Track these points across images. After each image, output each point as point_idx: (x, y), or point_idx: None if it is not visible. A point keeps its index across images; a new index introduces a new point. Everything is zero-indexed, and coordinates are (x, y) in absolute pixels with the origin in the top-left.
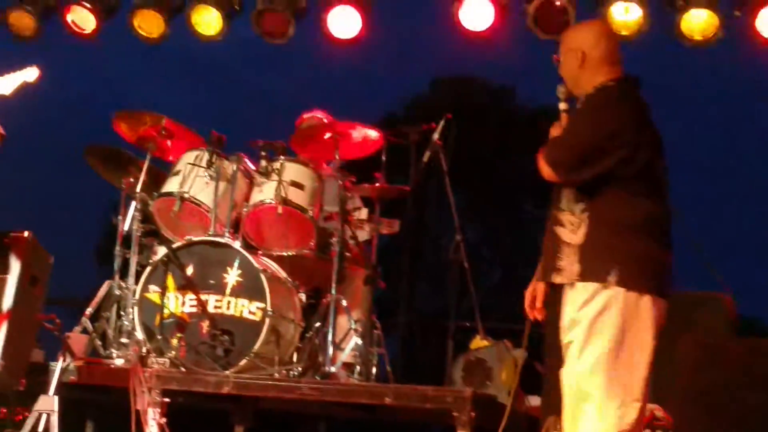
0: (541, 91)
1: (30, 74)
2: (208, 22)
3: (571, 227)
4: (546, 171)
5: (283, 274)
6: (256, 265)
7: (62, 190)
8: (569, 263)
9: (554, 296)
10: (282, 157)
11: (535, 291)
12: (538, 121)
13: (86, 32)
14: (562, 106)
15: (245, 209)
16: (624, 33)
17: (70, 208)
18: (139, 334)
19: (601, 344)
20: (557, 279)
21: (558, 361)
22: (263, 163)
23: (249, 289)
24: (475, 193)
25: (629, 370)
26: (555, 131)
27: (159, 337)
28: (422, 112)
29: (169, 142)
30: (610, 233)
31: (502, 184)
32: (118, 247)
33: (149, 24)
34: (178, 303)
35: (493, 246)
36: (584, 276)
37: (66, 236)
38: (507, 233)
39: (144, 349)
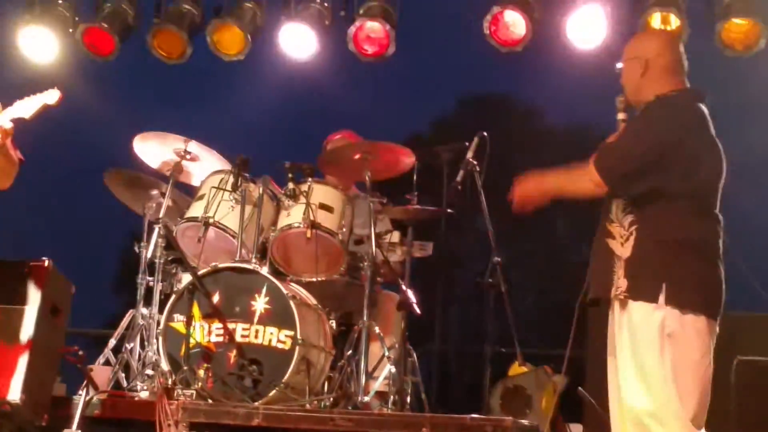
0: (575, 108)
1: (51, 97)
2: (230, 40)
3: (621, 239)
4: (595, 177)
5: (312, 300)
6: (284, 291)
7: (78, 217)
8: (617, 277)
9: (600, 312)
10: (310, 179)
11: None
12: (571, 140)
13: (104, 54)
14: (620, 116)
15: (272, 234)
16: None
17: (87, 235)
18: (164, 365)
19: (655, 369)
20: (605, 294)
21: (604, 383)
22: (290, 185)
23: (278, 316)
24: (504, 214)
25: (685, 394)
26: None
27: (185, 367)
28: (449, 132)
29: (192, 165)
30: (659, 250)
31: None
32: (141, 275)
33: (169, 44)
34: (204, 332)
35: (524, 269)
36: (633, 294)
37: (82, 264)
38: (540, 256)
39: (169, 381)
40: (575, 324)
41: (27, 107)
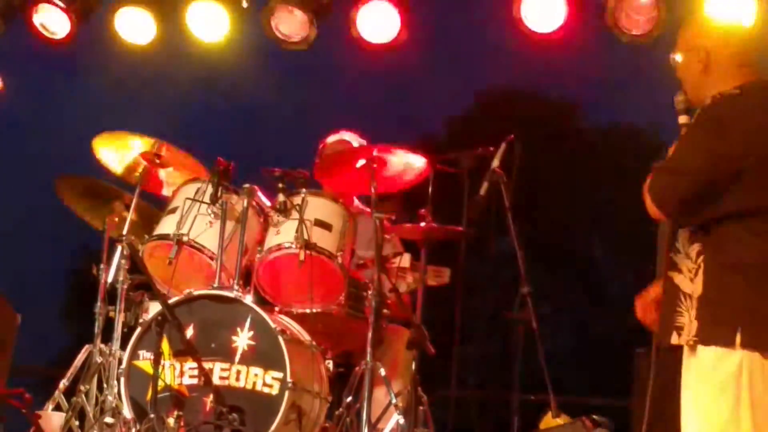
0: (616, 106)
1: None
2: (210, 23)
3: (689, 274)
4: (652, 210)
5: (305, 336)
6: (272, 325)
7: (23, 233)
8: (688, 319)
9: (669, 358)
10: (304, 191)
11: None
12: (610, 144)
13: (58, 37)
14: (682, 119)
15: (259, 255)
16: None
17: (34, 255)
18: (127, 412)
19: (730, 422)
20: (676, 340)
21: None
22: (281, 197)
23: (264, 355)
24: (532, 235)
25: None
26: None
27: (152, 415)
28: (468, 134)
29: (163, 173)
30: (731, 282)
31: (566, 223)
32: (99, 304)
33: (136, 26)
34: (175, 373)
35: (557, 302)
36: (705, 338)
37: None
38: (575, 286)
39: (133, 431)
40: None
41: None
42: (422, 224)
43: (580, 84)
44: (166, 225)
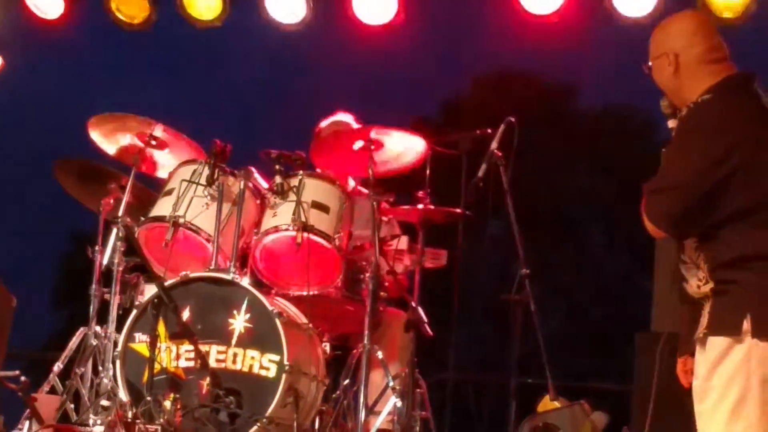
0: (616, 89)
1: None
2: (204, 3)
3: (699, 282)
4: (650, 228)
5: (302, 318)
6: (269, 307)
7: (18, 215)
8: (703, 316)
9: (648, 343)
10: (301, 172)
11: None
12: (606, 127)
13: (51, 17)
14: (671, 123)
15: (255, 237)
16: (727, 15)
17: (29, 237)
18: (123, 395)
19: (737, 410)
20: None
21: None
22: (278, 179)
23: (260, 337)
24: (527, 218)
25: None
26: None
27: (148, 398)
28: (463, 117)
29: (159, 154)
30: (738, 275)
31: (561, 207)
32: (94, 286)
33: (131, 7)
34: (171, 355)
35: (551, 284)
36: (714, 328)
37: (21, 272)
38: (569, 268)
39: (129, 414)
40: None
41: None
42: (420, 206)
43: (577, 66)
44: (162, 207)
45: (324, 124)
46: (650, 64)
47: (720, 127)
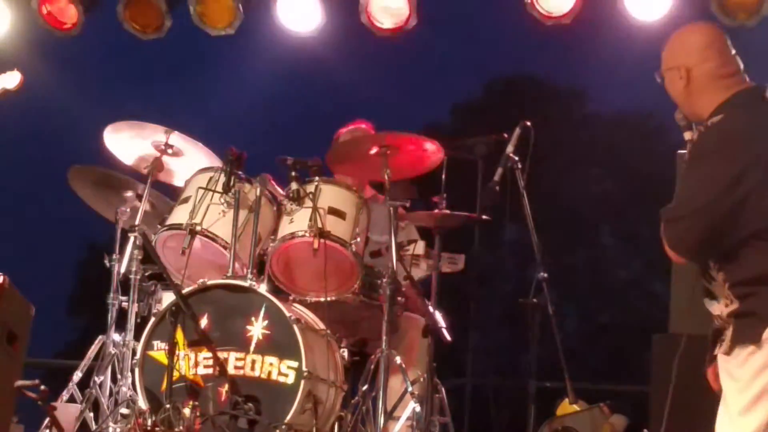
0: (629, 92)
1: (11, 80)
2: (218, 11)
3: (725, 300)
4: (671, 254)
5: (320, 324)
6: (287, 313)
7: (34, 224)
8: (729, 332)
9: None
10: (317, 179)
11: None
12: (619, 131)
13: (66, 26)
14: (687, 136)
15: (272, 244)
16: (741, 17)
17: (46, 246)
18: (142, 403)
19: (754, 411)
20: (717, 350)
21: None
22: (294, 186)
23: (279, 344)
24: (541, 221)
25: None
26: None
27: (167, 405)
28: (474, 121)
29: (175, 162)
30: (761, 290)
31: (572, 210)
32: (112, 294)
33: (144, 15)
34: (189, 363)
35: (564, 287)
36: (736, 340)
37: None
38: (584, 271)
39: (149, 422)
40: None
41: None
42: (436, 211)
43: (589, 70)
44: (179, 215)
45: (342, 131)
46: (662, 74)
47: (731, 150)
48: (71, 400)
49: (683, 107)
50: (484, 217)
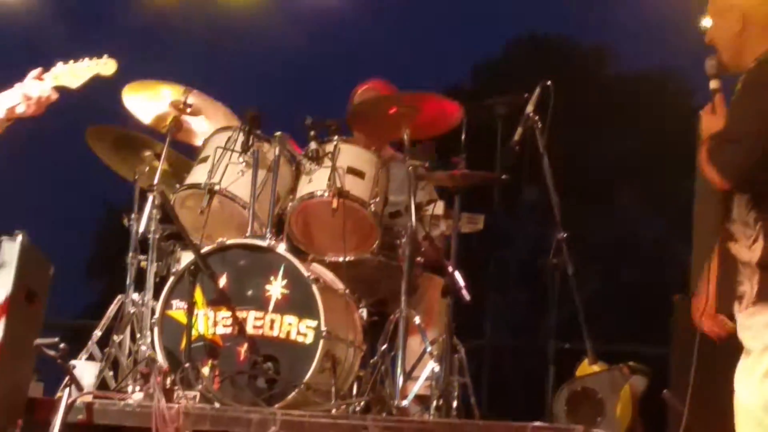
0: (645, 53)
1: (106, 67)
2: None
3: (747, 242)
4: (713, 177)
5: (339, 284)
6: (305, 273)
7: (52, 183)
8: (749, 287)
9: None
10: (336, 138)
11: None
12: (641, 91)
13: None
14: (713, 84)
15: (291, 204)
16: None
17: (64, 205)
18: (161, 362)
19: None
20: (737, 309)
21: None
22: (313, 145)
23: (297, 303)
24: (561, 183)
25: None
26: (707, 118)
27: (186, 365)
28: (494, 83)
29: (193, 121)
30: None
31: (593, 171)
32: (131, 254)
33: None
34: (208, 322)
35: (585, 248)
36: (762, 298)
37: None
38: (604, 232)
39: (168, 381)
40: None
41: (75, 76)
42: (456, 171)
43: (611, 28)
44: (198, 174)
45: (359, 90)
46: (708, 21)
47: None
48: (91, 358)
49: (728, 52)
50: (503, 177)
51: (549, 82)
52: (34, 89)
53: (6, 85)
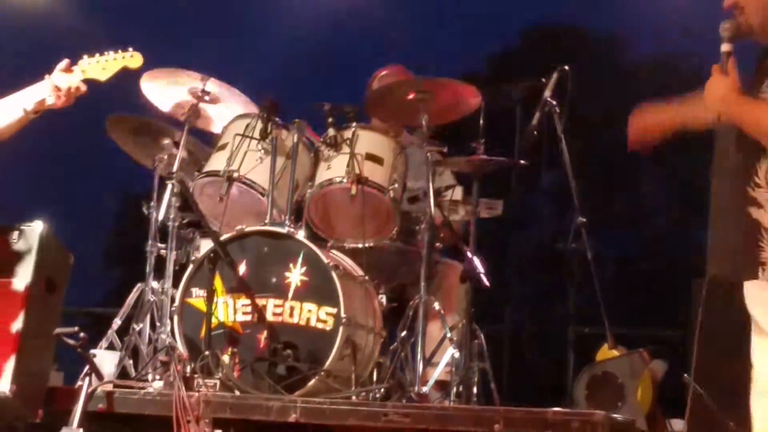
0: (664, 38)
1: (133, 60)
2: None
3: None
4: (757, 128)
5: (358, 271)
6: (325, 260)
7: (72, 172)
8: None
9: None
10: (354, 124)
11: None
12: (657, 77)
13: None
14: (725, 47)
15: (310, 191)
16: None
17: (84, 193)
18: (181, 350)
19: None
20: (761, 276)
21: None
22: (331, 132)
23: (317, 290)
24: (579, 168)
25: None
26: (717, 78)
27: (206, 352)
28: (511, 70)
29: (212, 108)
30: None
31: (611, 158)
32: (150, 242)
33: None
34: (228, 310)
35: (604, 234)
36: None
37: (77, 229)
38: (620, 218)
39: (188, 369)
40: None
41: (103, 68)
42: (474, 156)
43: (627, 14)
44: (217, 161)
45: (378, 75)
46: None
47: None
48: (110, 347)
49: (758, 15)
50: (522, 162)
51: (566, 67)
52: (63, 81)
53: (32, 80)
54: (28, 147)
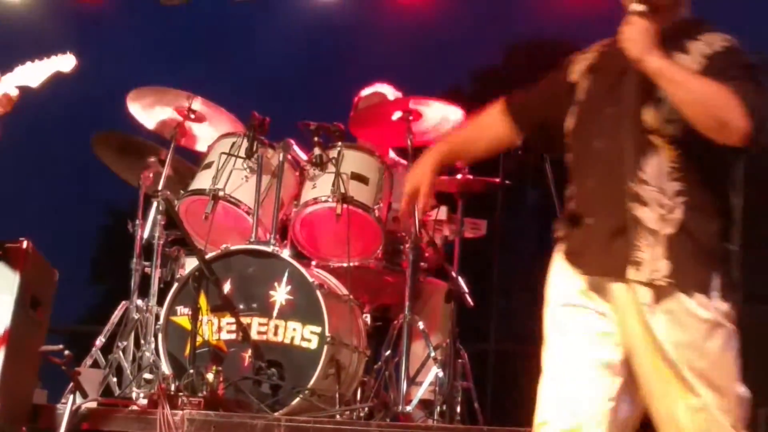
0: None
1: (64, 63)
2: None
3: (661, 211)
4: (740, 124)
5: (343, 290)
6: (309, 279)
7: (57, 189)
8: (652, 258)
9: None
10: (340, 144)
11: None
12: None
13: None
14: (637, 7)
15: (295, 209)
16: None
17: (68, 211)
18: (165, 368)
19: (723, 376)
20: (633, 275)
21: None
22: (316, 151)
23: (301, 309)
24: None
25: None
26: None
27: (190, 370)
28: (494, 86)
29: (198, 127)
30: (708, 230)
31: None
32: (135, 260)
33: None
34: (213, 328)
35: None
36: (679, 280)
37: (61, 247)
38: None
39: (172, 387)
40: None
41: (35, 74)
42: (459, 176)
43: (611, 32)
44: (202, 180)
45: (362, 94)
46: None
47: None
48: (95, 365)
49: None
50: (506, 182)
51: None
52: None
53: None
54: (12, 164)
